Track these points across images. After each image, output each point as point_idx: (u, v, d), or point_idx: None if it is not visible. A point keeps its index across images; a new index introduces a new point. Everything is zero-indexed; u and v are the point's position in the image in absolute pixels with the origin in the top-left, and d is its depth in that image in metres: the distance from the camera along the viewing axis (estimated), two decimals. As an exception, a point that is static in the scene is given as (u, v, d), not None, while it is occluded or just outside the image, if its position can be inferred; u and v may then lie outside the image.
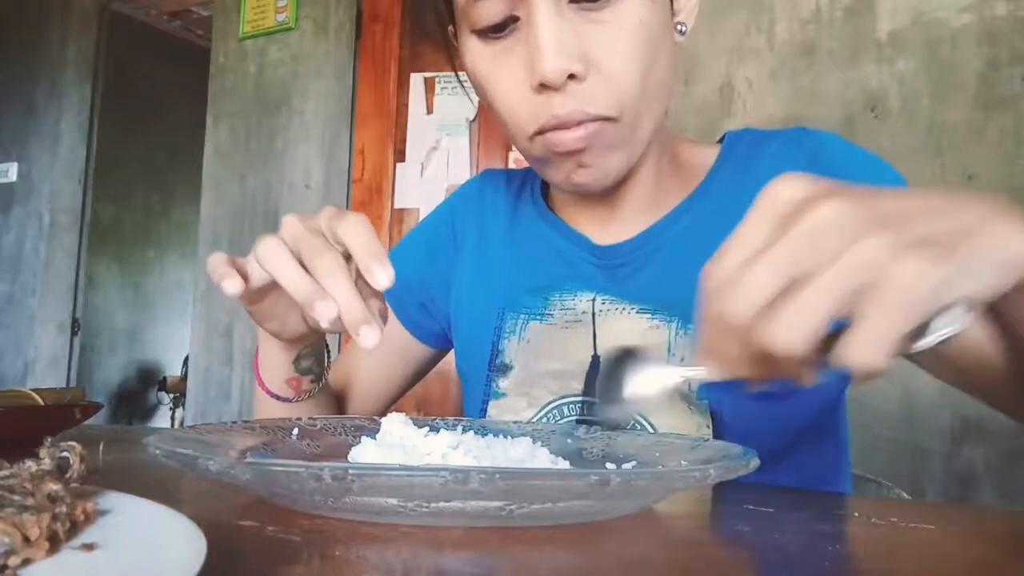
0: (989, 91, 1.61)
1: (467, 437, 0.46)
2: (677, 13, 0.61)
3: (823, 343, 0.32)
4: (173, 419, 4.87)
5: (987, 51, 1.61)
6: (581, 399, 0.65)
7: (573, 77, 0.54)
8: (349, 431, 0.53)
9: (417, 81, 2.41)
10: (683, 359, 0.61)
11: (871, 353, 0.30)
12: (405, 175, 2.41)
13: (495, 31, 0.57)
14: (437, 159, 2.38)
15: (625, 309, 0.65)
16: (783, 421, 0.62)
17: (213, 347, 2.73)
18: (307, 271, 0.46)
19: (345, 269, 0.46)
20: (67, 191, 3.35)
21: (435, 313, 0.78)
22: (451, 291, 0.77)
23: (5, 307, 3.40)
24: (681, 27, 0.62)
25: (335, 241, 0.47)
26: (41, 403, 0.60)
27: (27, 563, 0.23)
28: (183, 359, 4.48)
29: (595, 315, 0.66)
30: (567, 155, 0.58)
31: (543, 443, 0.50)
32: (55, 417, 0.60)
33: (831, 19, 1.78)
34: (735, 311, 0.32)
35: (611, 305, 0.65)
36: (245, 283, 0.50)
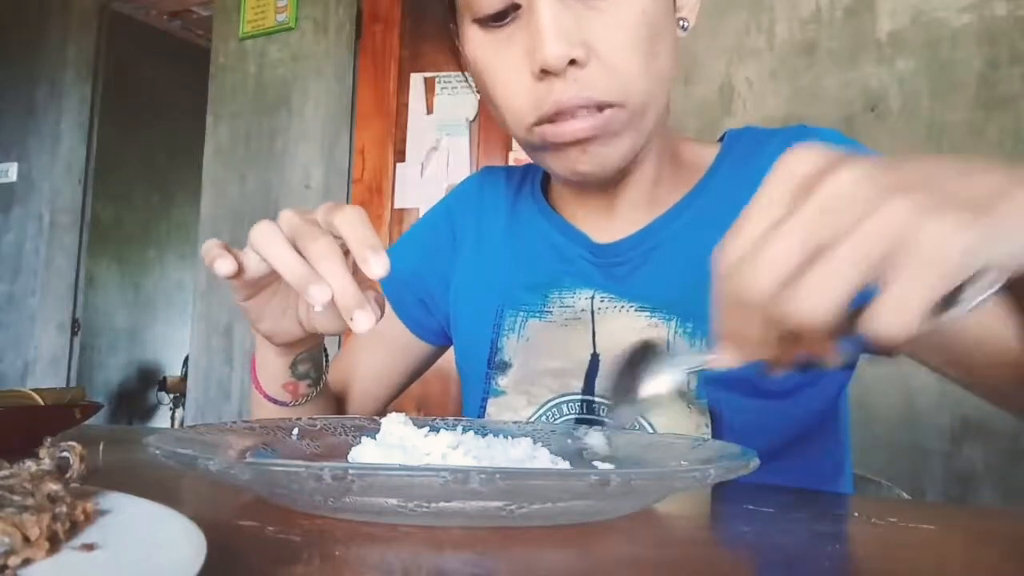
0: (989, 91, 1.61)
1: (467, 437, 0.46)
2: (679, 9, 0.62)
3: (845, 321, 0.30)
4: (173, 419, 4.87)
5: (987, 51, 1.61)
6: (580, 398, 0.65)
7: (574, 63, 0.55)
8: (349, 431, 0.53)
9: (417, 81, 2.41)
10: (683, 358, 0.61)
11: (902, 320, 0.28)
12: (405, 175, 2.41)
13: (496, 19, 0.57)
14: (437, 159, 2.37)
15: (624, 307, 0.64)
16: (782, 420, 0.62)
17: (213, 347, 2.73)
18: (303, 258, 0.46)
19: (339, 254, 0.45)
20: (67, 191, 3.35)
21: (434, 310, 0.78)
22: (450, 288, 0.77)
23: (5, 307, 3.40)
24: (683, 22, 0.62)
25: (331, 232, 0.47)
26: (41, 403, 0.60)
27: (27, 563, 0.23)
28: (183, 359, 4.48)
29: (594, 313, 0.66)
30: (572, 145, 0.58)
31: (543, 443, 0.50)
32: (55, 417, 0.60)
33: (831, 19, 1.78)
34: (755, 286, 0.30)
35: (610, 303, 0.65)
36: (240, 271, 0.49)
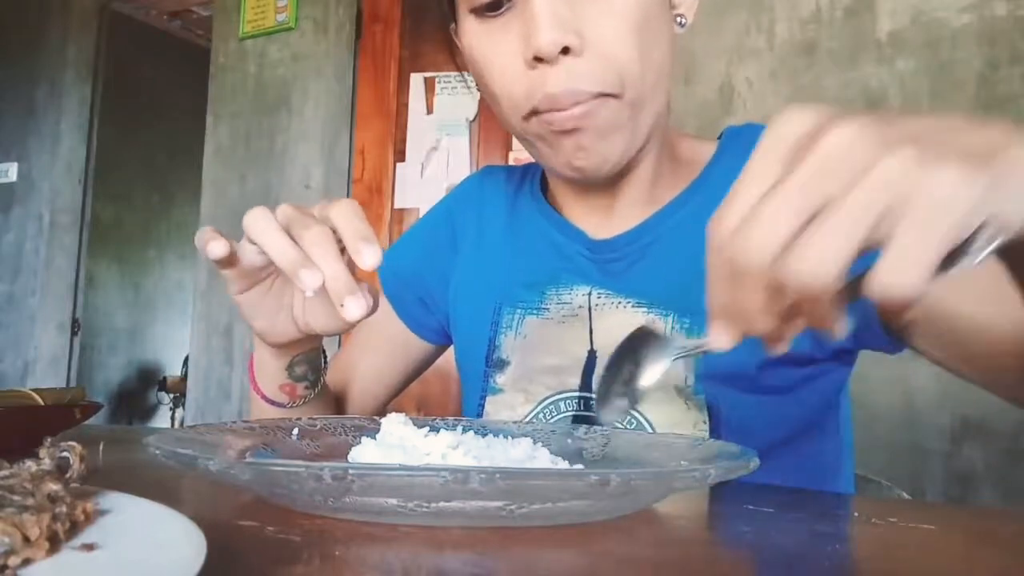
0: (989, 91, 1.61)
1: (467, 437, 0.46)
2: (677, 6, 0.62)
3: (848, 287, 0.29)
4: (173, 419, 4.87)
5: (987, 51, 1.61)
6: (578, 395, 0.65)
7: (568, 52, 0.55)
8: (349, 431, 0.53)
9: (417, 81, 2.41)
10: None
11: (909, 275, 0.27)
12: (405, 175, 2.41)
13: (491, 8, 0.58)
14: (437, 159, 2.37)
15: (621, 303, 0.64)
16: (781, 417, 0.62)
17: (213, 347, 2.73)
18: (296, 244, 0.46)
19: (333, 241, 0.45)
20: (67, 191, 3.35)
21: (433, 309, 0.78)
22: (450, 287, 0.77)
23: (5, 307, 3.40)
24: (680, 19, 0.62)
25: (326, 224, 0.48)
26: (41, 403, 0.60)
27: (27, 563, 0.23)
28: (183, 359, 4.47)
29: (591, 309, 0.65)
30: (565, 136, 0.57)
31: (543, 443, 0.50)
32: (55, 417, 0.60)
33: (831, 19, 1.78)
34: (753, 251, 0.29)
35: (607, 299, 0.65)
36: (233, 257, 0.49)
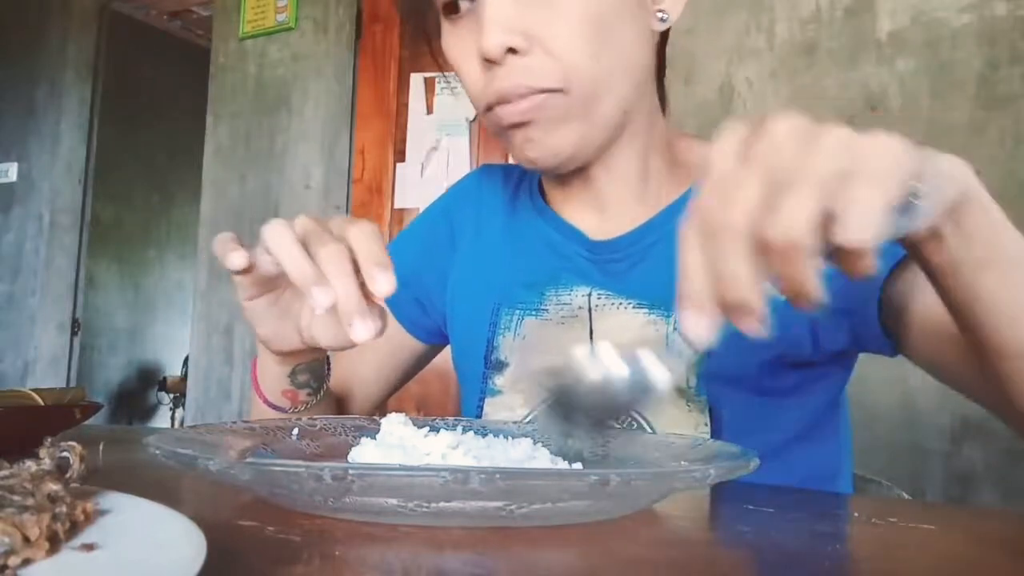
0: (989, 91, 1.61)
1: (467, 437, 0.46)
2: (657, 1, 0.62)
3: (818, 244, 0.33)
4: (173, 419, 4.87)
5: (987, 51, 1.61)
6: None
7: (515, 52, 0.56)
8: (349, 431, 0.53)
9: (417, 81, 2.41)
10: (681, 355, 0.61)
11: (866, 225, 0.31)
12: (405, 175, 2.41)
13: (451, 9, 0.60)
14: (437, 159, 2.37)
15: (622, 304, 0.64)
16: (781, 419, 0.62)
17: (213, 347, 2.73)
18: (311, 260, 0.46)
19: (348, 260, 0.45)
20: (67, 191, 3.35)
21: (430, 310, 0.78)
22: (447, 287, 0.76)
23: (5, 307, 3.40)
24: (661, 14, 0.62)
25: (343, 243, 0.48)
26: (41, 403, 0.60)
27: (27, 563, 0.23)
28: (183, 359, 4.47)
29: (591, 310, 0.65)
30: (515, 129, 0.59)
31: (543, 443, 0.50)
32: (55, 417, 0.60)
33: (831, 19, 1.78)
34: (733, 212, 0.33)
35: (607, 300, 0.65)
36: (250, 267, 0.49)
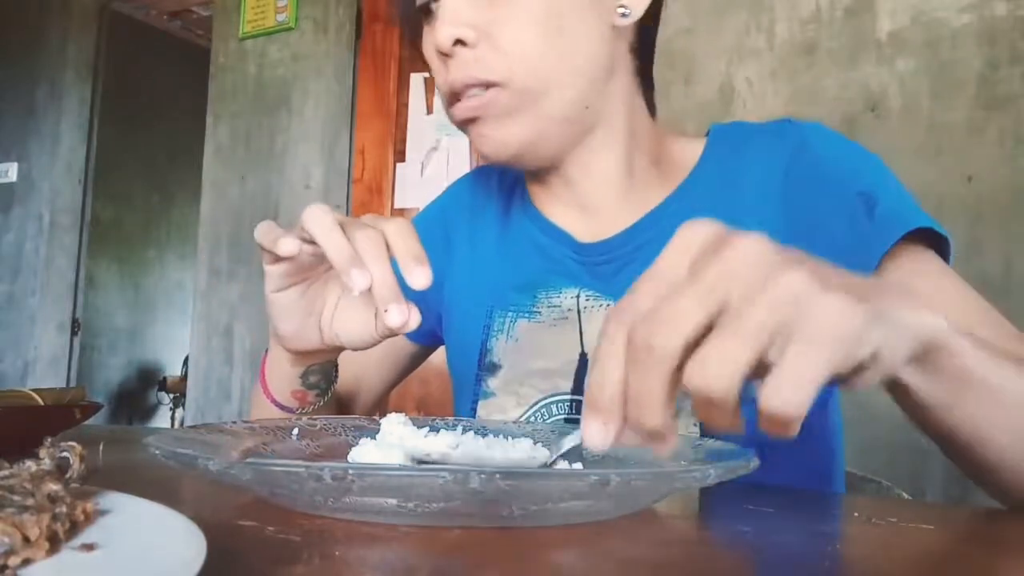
0: (989, 91, 1.61)
1: (467, 437, 0.46)
2: None
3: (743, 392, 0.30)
4: (173, 419, 4.87)
5: (987, 51, 1.61)
6: (570, 397, 0.65)
7: (463, 44, 0.58)
8: (349, 431, 0.53)
9: (417, 81, 2.41)
10: None
11: (791, 397, 0.28)
12: (405, 175, 2.41)
13: (426, 12, 0.62)
14: (437, 159, 2.38)
15: (610, 306, 0.64)
16: None
17: (213, 347, 2.73)
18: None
19: (384, 247, 0.47)
20: (67, 191, 3.36)
21: (425, 312, 0.78)
22: (442, 290, 0.76)
23: (5, 307, 3.40)
24: (623, 10, 0.62)
25: None
26: (41, 403, 0.60)
27: (27, 563, 0.23)
28: (183, 359, 4.48)
29: (580, 312, 0.66)
30: (468, 125, 0.61)
31: (543, 443, 0.50)
32: (55, 417, 0.60)
33: (831, 19, 1.78)
34: (661, 339, 0.30)
35: (596, 301, 0.65)
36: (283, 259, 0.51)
